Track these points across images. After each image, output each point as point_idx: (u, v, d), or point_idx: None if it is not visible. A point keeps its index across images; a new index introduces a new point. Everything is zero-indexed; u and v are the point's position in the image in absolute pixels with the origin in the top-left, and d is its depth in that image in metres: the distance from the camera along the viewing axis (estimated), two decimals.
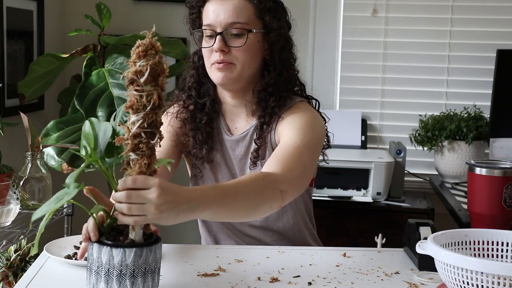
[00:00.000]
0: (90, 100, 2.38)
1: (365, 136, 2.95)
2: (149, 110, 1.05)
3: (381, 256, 1.56)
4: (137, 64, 1.05)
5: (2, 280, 1.82)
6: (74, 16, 3.03)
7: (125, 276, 1.08)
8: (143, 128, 1.06)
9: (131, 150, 1.07)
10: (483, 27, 2.94)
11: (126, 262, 1.08)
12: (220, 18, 1.56)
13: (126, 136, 1.07)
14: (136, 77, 1.05)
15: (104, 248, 1.09)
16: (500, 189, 1.62)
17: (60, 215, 2.02)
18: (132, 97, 1.06)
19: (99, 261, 1.09)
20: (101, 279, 1.09)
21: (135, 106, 1.06)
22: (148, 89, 1.05)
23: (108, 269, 1.08)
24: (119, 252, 1.08)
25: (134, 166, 1.08)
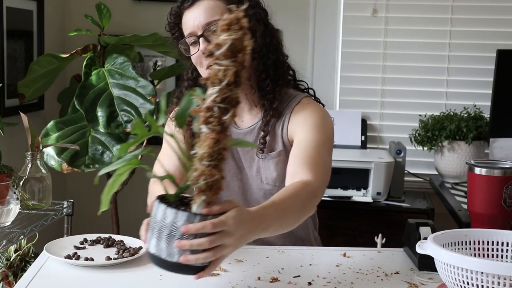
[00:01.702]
0: (90, 100, 2.38)
1: (365, 136, 2.95)
2: (224, 85, 1.05)
3: (381, 256, 1.56)
4: (220, 37, 1.05)
5: (2, 280, 1.82)
6: (74, 16, 3.04)
7: (174, 237, 1.08)
8: (216, 103, 1.05)
9: (203, 123, 1.07)
10: (483, 27, 2.94)
11: (176, 224, 1.08)
12: (197, 22, 1.60)
13: (201, 108, 1.07)
14: (215, 50, 1.05)
15: (161, 206, 1.10)
16: (500, 189, 1.62)
17: (60, 215, 2.02)
18: (212, 70, 1.06)
19: (155, 218, 1.10)
20: (153, 234, 1.11)
21: (212, 79, 1.06)
22: (226, 64, 1.04)
23: (160, 227, 1.09)
24: (172, 213, 1.08)
25: (204, 141, 1.07)
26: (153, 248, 1.11)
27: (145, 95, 2.40)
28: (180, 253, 1.08)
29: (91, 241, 1.58)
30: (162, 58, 2.99)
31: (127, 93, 2.41)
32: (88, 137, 2.42)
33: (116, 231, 2.64)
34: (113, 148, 2.39)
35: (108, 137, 2.41)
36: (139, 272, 1.39)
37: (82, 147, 2.36)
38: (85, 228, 2.11)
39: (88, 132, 2.43)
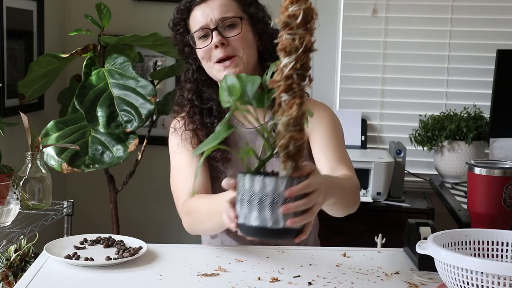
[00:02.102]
0: (90, 100, 2.38)
1: (365, 136, 2.95)
2: (301, 52, 1.10)
3: (381, 256, 1.56)
4: (289, 8, 1.10)
5: (2, 280, 1.82)
6: (74, 16, 3.04)
7: (277, 204, 1.11)
8: (295, 70, 1.11)
9: (283, 91, 1.12)
10: (483, 27, 2.94)
11: (278, 191, 1.11)
12: (211, 16, 1.63)
13: (278, 78, 1.12)
14: (289, 21, 1.10)
15: (257, 177, 1.12)
16: (500, 189, 1.62)
17: (60, 215, 2.02)
18: (285, 40, 1.11)
19: (251, 191, 1.12)
20: (254, 207, 1.12)
21: (288, 48, 1.11)
22: (301, 32, 1.10)
23: (261, 197, 1.12)
24: (271, 181, 1.11)
25: (286, 107, 1.12)
26: (255, 221, 1.12)
27: (145, 95, 2.40)
28: (285, 218, 1.12)
29: (91, 241, 1.58)
30: (162, 58, 2.99)
31: (127, 93, 2.41)
32: (88, 137, 2.42)
33: (116, 231, 2.64)
34: (113, 148, 2.39)
35: (108, 137, 2.41)
36: (139, 272, 1.39)
37: (82, 147, 2.36)
38: (85, 228, 2.12)
39: (88, 132, 2.43)
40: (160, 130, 3.04)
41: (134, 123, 2.36)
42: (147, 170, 3.04)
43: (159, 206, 3.10)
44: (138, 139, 2.42)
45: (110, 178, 2.62)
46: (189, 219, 1.61)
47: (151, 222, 3.13)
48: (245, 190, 1.13)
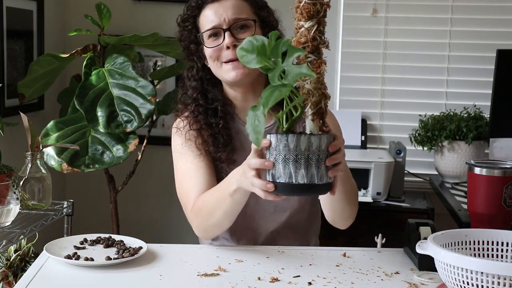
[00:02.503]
0: (90, 100, 2.38)
1: (365, 136, 2.95)
2: (321, 16, 1.21)
3: (381, 256, 1.56)
4: None
5: (2, 280, 1.82)
6: (74, 16, 3.03)
7: (322, 160, 1.20)
8: (319, 32, 1.21)
9: (310, 52, 1.20)
10: (483, 27, 2.94)
11: (322, 147, 1.20)
12: (224, 16, 1.62)
13: (304, 40, 1.20)
14: None
15: (302, 136, 1.18)
16: (500, 189, 1.62)
17: (60, 215, 2.02)
18: (306, 5, 1.20)
19: (298, 149, 1.17)
20: (301, 166, 1.18)
21: (311, 12, 1.20)
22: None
23: (307, 155, 1.18)
24: (316, 139, 1.19)
25: (314, 66, 1.20)
26: (302, 178, 1.18)
27: (145, 95, 2.40)
28: (326, 173, 1.21)
29: (91, 241, 1.58)
30: (162, 58, 2.99)
31: (127, 93, 2.41)
32: (88, 137, 2.42)
33: (116, 231, 2.64)
34: (113, 148, 2.39)
35: (108, 137, 2.40)
36: (139, 272, 1.39)
37: (82, 147, 2.36)
38: (85, 228, 2.11)
39: (88, 132, 2.43)
40: (160, 130, 3.04)
41: (134, 123, 2.36)
42: (147, 170, 3.04)
43: (159, 206, 3.10)
44: (138, 139, 2.42)
45: (110, 178, 2.62)
46: (199, 220, 1.58)
47: (151, 222, 3.13)
48: (290, 150, 1.17)
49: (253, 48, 1.18)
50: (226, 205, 1.49)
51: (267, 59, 1.17)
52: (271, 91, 1.13)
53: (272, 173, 1.21)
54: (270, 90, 1.14)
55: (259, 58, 1.17)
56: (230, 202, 1.47)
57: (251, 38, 1.20)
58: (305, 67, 1.13)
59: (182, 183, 1.66)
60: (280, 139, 1.18)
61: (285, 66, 1.14)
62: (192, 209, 1.60)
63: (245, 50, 1.19)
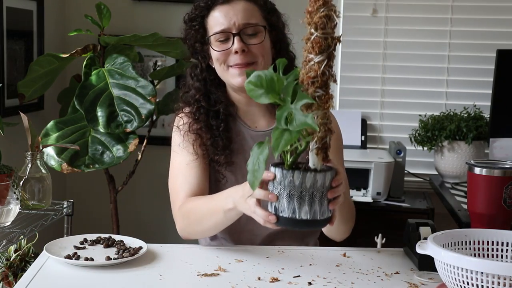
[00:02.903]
0: (90, 100, 2.38)
1: (365, 136, 2.95)
2: (331, 50, 1.20)
3: (381, 256, 1.56)
4: (320, 10, 1.18)
5: (2, 280, 1.82)
6: (74, 16, 3.03)
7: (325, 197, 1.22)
8: (329, 66, 1.20)
9: (319, 87, 1.19)
10: (483, 27, 2.94)
11: (326, 184, 1.21)
12: (234, 20, 1.60)
13: (314, 74, 1.19)
14: (323, 21, 1.18)
15: (308, 173, 1.19)
16: (500, 189, 1.62)
17: (60, 215, 2.02)
18: (318, 38, 1.19)
19: (303, 186, 1.19)
20: (305, 203, 1.20)
21: (323, 46, 1.19)
22: (331, 32, 1.19)
23: (312, 192, 1.19)
24: (321, 176, 1.20)
25: (322, 102, 1.19)
26: (305, 214, 1.20)
27: (145, 95, 2.40)
28: (327, 207, 1.22)
29: (91, 241, 1.58)
30: (162, 58, 2.99)
31: (127, 93, 2.41)
32: (88, 137, 2.42)
33: (116, 231, 2.64)
34: (113, 148, 2.39)
35: (108, 137, 2.40)
36: (139, 272, 1.39)
37: (82, 147, 2.36)
38: (85, 228, 2.11)
39: (88, 132, 2.43)
40: (160, 130, 3.04)
41: (134, 123, 2.36)
42: (147, 170, 3.04)
43: (159, 206, 3.10)
44: (138, 139, 2.42)
45: (110, 178, 2.62)
46: (185, 222, 1.59)
47: (151, 222, 3.13)
48: (295, 186, 1.18)
49: (261, 83, 1.18)
50: (217, 219, 1.49)
51: (277, 95, 1.17)
52: (280, 133, 1.14)
53: (275, 206, 1.23)
54: (279, 132, 1.14)
55: (269, 94, 1.17)
56: (222, 217, 1.48)
57: (260, 72, 1.18)
58: (310, 118, 1.12)
59: (174, 179, 1.67)
60: (285, 175, 1.19)
61: (293, 109, 1.14)
62: (180, 208, 1.60)
63: (253, 84, 1.18)
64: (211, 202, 1.52)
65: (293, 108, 1.14)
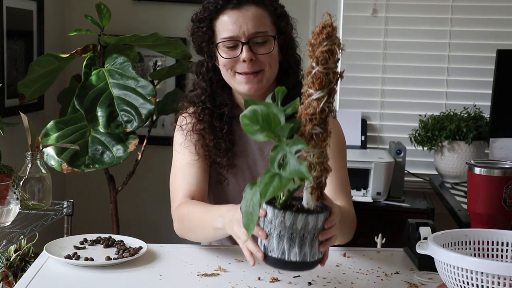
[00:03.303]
0: (90, 100, 2.38)
1: (365, 136, 2.95)
2: (332, 86, 1.14)
3: (381, 256, 1.56)
4: (323, 44, 1.12)
5: (2, 280, 1.82)
6: (74, 16, 3.04)
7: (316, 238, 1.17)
8: (328, 103, 1.14)
9: (317, 124, 1.13)
10: (483, 27, 2.94)
11: (318, 226, 1.16)
12: (244, 29, 1.57)
13: (312, 111, 1.13)
14: (325, 55, 1.12)
15: (299, 215, 1.14)
16: (500, 189, 1.62)
17: (60, 215, 2.02)
18: (319, 73, 1.13)
19: (293, 228, 1.14)
20: (295, 244, 1.15)
21: (323, 82, 1.13)
22: (333, 67, 1.14)
23: (302, 234, 1.14)
24: (313, 218, 1.15)
25: (319, 140, 1.14)
26: (295, 256, 1.15)
27: (145, 95, 2.40)
28: (318, 249, 1.18)
29: (91, 241, 1.58)
30: (162, 58, 2.99)
31: (127, 93, 2.40)
32: (88, 137, 2.42)
33: (116, 231, 2.64)
34: (113, 148, 2.39)
35: (108, 137, 2.40)
36: (139, 272, 1.39)
37: (82, 147, 2.36)
38: (85, 228, 2.11)
39: (88, 132, 2.43)
40: (160, 130, 3.04)
41: (134, 123, 2.36)
42: (147, 170, 3.04)
43: (159, 206, 3.10)
44: (138, 139, 2.42)
45: (110, 178, 2.62)
46: (180, 225, 1.59)
47: (151, 222, 3.13)
48: (285, 227, 1.13)
49: (257, 119, 1.12)
50: (207, 233, 1.49)
51: (272, 133, 1.12)
52: (271, 178, 1.08)
53: (264, 244, 1.18)
54: (269, 176, 1.09)
55: (264, 131, 1.12)
56: (212, 233, 1.46)
57: (256, 107, 1.12)
58: (305, 167, 1.06)
59: (174, 178, 1.67)
60: (276, 215, 1.14)
61: (288, 153, 1.08)
62: (176, 209, 1.60)
63: (248, 119, 1.12)
64: (204, 215, 1.49)
65: (288, 151, 1.08)
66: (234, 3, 1.58)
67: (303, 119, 1.14)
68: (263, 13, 1.60)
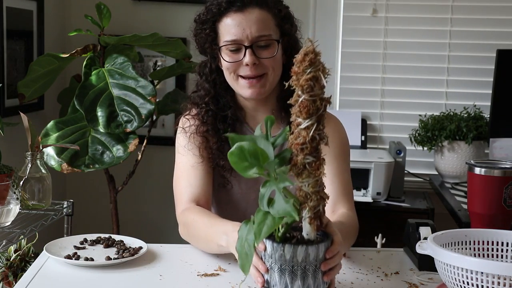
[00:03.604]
0: (90, 100, 2.38)
1: (365, 136, 2.95)
2: (321, 113, 1.11)
3: (381, 256, 1.56)
4: (307, 71, 1.10)
5: (2, 280, 1.82)
6: (74, 16, 3.04)
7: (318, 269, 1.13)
8: (318, 131, 1.10)
9: (309, 154, 1.10)
10: (483, 27, 2.94)
11: (319, 256, 1.13)
12: (247, 32, 1.55)
13: (302, 141, 1.10)
14: (310, 83, 1.10)
15: (299, 247, 1.11)
16: (500, 189, 1.62)
17: (60, 215, 2.02)
18: (306, 102, 1.09)
19: (294, 261, 1.12)
20: (297, 277, 1.12)
21: (311, 110, 1.10)
22: (319, 93, 1.11)
23: (304, 266, 1.12)
24: (313, 249, 1.12)
25: (313, 169, 1.10)
26: None
27: (145, 95, 2.40)
28: (322, 280, 1.14)
29: (91, 241, 1.58)
30: (162, 58, 2.99)
31: (127, 93, 2.41)
32: (88, 137, 2.42)
33: (116, 231, 2.64)
34: (113, 148, 2.39)
35: (108, 137, 2.40)
36: (139, 272, 1.39)
37: (82, 147, 2.36)
38: (85, 228, 2.11)
39: (88, 132, 2.43)
40: (160, 130, 3.04)
41: (134, 123, 2.36)
42: (147, 170, 3.04)
43: (159, 206, 3.10)
44: (138, 139, 2.42)
45: (110, 178, 2.62)
46: (185, 231, 1.58)
47: (151, 222, 3.13)
48: (286, 261, 1.12)
49: (244, 156, 1.07)
50: (211, 247, 1.48)
51: (262, 169, 1.08)
52: (263, 216, 1.07)
53: (267, 279, 1.15)
54: (262, 215, 1.07)
55: (253, 167, 1.08)
56: (216, 248, 1.45)
57: (243, 144, 1.07)
58: (291, 206, 1.03)
59: (178, 181, 1.65)
60: (276, 248, 1.12)
61: (276, 189, 1.05)
62: (182, 213, 1.58)
63: (236, 157, 1.08)
64: (209, 229, 1.47)
65: (275, 187, 1.05)
66: (237, 5, 1.55)
67: (294, 149, 1.10)
68: (267, 16, 1.57)
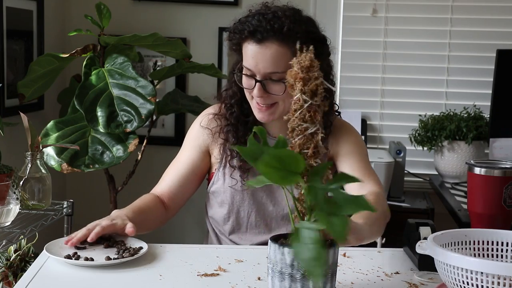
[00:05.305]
0: (90, 100, 2.38)
1: (365, 136, 2.95)
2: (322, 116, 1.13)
3: (381, 256, 1.56)
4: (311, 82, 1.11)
5: (2, 280, 1.82)
6: (74, 16, 3.04)
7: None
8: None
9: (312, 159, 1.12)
10: (483, 27, 2.94)
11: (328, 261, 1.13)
12: (259, 67, 1.56)
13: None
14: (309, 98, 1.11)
15: None
16: (500, 189, 1.62)
17: (60, 215, 2.02)
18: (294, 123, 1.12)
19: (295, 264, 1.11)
20: (296, 281, 1.12)
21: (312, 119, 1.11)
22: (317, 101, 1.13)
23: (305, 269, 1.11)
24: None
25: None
26: None
27: (145, 95, 2.40)
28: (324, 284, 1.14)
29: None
30: (162, 58, 2.99)
31: (127, 93, 2.41)
32: (88, 137, 2.42)
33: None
34: (113, 148, 2.39)
35: (108, 137, 2.40)
36: (139, 272, 1.39)
37: (82, 147, 2.36)
38: None
39: (88, 132, 2.43)
40: (160, 130, 3.04)
41: (134, 123, 2.36)
42: (147, 170, 3.03)
43: None
44: (138, 139, 2.42)
45: (110, 178, 2.62)
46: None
47: None
48: (286, 264, 1.12)
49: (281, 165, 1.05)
50: None
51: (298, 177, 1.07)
52: None
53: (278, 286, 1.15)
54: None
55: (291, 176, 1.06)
56: None
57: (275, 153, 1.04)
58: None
59: (169, 166, 1.78)
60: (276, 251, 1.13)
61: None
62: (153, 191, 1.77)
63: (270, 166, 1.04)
64: None
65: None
66: (257, 37, 1.56)
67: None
68: (284, 52, 1.55)
